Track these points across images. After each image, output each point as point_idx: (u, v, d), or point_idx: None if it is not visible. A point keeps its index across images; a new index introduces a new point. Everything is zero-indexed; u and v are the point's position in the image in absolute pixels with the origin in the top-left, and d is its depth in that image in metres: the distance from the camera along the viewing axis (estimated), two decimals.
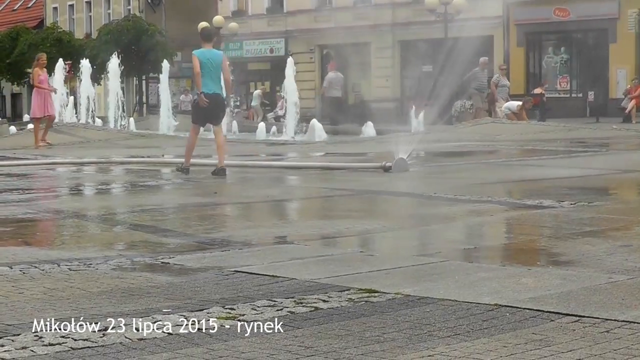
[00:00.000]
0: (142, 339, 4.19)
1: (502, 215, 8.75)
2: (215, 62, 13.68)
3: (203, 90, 13.56)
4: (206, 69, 13.58)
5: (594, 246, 6.56)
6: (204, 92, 13.55)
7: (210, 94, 13.57)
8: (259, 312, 4.66)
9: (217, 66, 13.68)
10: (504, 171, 13.87)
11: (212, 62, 13.64)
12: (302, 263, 6.09)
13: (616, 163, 14.98)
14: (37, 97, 22.21)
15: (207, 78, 13.59)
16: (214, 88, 13.62)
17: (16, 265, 6.10)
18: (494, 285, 5.20)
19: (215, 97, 13.62)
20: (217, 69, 13.68)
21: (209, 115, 13.87)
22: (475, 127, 24.79)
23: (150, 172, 14.91)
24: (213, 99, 13.59)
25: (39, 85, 22.18)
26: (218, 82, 13.69)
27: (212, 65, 13.63)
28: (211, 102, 13.57)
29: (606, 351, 3.87)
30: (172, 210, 9.59)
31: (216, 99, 13.66)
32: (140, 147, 21.59)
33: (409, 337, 4.17)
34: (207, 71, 13.59)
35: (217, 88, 13.67)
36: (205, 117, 14.01)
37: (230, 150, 20.89)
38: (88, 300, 5.01)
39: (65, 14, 66.17)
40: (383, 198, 10.61)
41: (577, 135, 22.37)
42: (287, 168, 15.47)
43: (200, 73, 13.54)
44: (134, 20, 50.75)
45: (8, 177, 13.81)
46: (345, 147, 21.31)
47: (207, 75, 13.59)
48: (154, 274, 5.82)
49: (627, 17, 37.92)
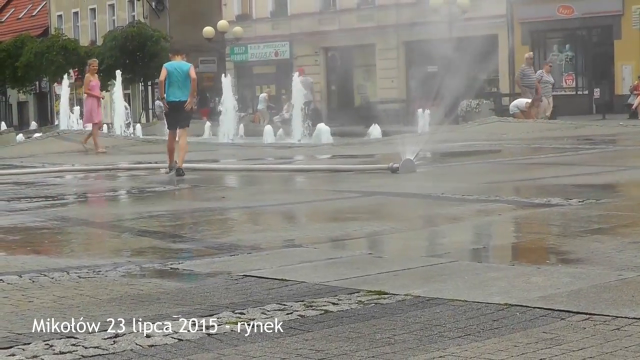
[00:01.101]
0: (153, 345, 4.19)
1: (511, 215, 8.73)
2: (182, 72, 14.97)
3: (169, 99, 15.00)
4: (173, 77, 14.94)
5: (603, 243, 6.55)
6: (170, 100, 14.98)
7: (176, 101, 14.92)
8: (269, 316, 4.65)
9: (184, 76, 14.96)
10: (511, 170, 13.85)
11: (178, 72, 14.95)
12: (312, 266, 6.08)
13: (623, 160, 14.95)
14: (88, 103, 22.34)
15: (174, 87, 14.96)
16: (180, 96, 14.90)
17: (25, 273, 6.11)
18: (504, 284, 5.19)
19: (178, 104, 14.92)
20: (184, 79, 14.96)
21: (173, 120, 15.24)
22: (482, 126, 24.77)
23: (158, 177, 14.91)
24: (176, 106, 14.95)
25: (88, 91, 22.23)
26: (185, 90, 14.92)
27: (179, 74, 14.94)
28: (174, 108, 14.99)
29: (617, 349, 3.86)
30: (180, 216, 9.59)
31: (179, 105, 14.92)
32: (146, 152, 21.60)
33: (420, 338, 4.16)
34: (174, 80, 14.95)
35: (182, 96, 14.91)
36: (171, 121, 15.36)
37: (237, 154, 20.94)
38: (98, 308, 5.01)
39: (70, 21, 66.28)
40: (391, 199, 10.60)
41: (584, 133, 22.33)
42: (295, 171, 15.46)
43: (168, 82, 14.91)
44: (139, 27, 50.85)
45: (16, 186, 13.83)
46: (352, 149, 21.30)
47: (174, 84, 14.96)
48: (164, 280, 5.83)
49: (631, 13, 37.86)
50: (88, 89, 22.25)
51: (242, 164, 17.55)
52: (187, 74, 14.98)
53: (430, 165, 15.17)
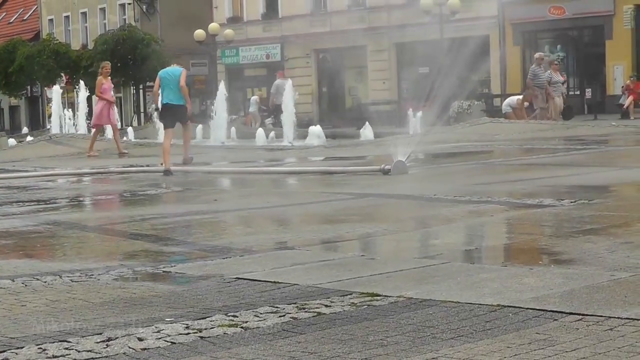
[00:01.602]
0: (146, 348, 4.19)
1: (503, 215, 8.74)
2: (174, 77, 16.43)
3: (163, 101, 16.49)
4: (166, 82, 16.44)
5: (596, 244, 6.56)
6: (164, 102, 16.46)
7: (169, 103, 16.41)
8: (262, 319, 4.65)
9: (176, 80, 16.40)
10: (504, 171, 13.87)
11: (171, 77, 16.48)
12: (304, 268, 6.09)
13: (615, 160, 14.98)
14: (99, 106, 22.36)
15: (167, 90, 16.41)
16: (172, 99, 16.37)
17: (18, 277, 6.10)
18: (496, 285, 5.20)
19: (171, 106, 16.41)
20: (176, 83, 16.38)
21: (169, 120, 16.68)
22: (474, 127, 24.79)
23: (150, 181, 14.90)
24: (170, 108, 16.46)
25: (100, 94, 22.22)
26: (177, 92, 16.38)
27: (171, 79, 16.43)
28: (168, 110, 16.53)
29: (610, 349, 3.87)
30: (173, 219, 9.58)
31: (172, 107, 16.42)
32: (138, 156, 21.57)
33: (412, 340, 4.16)
34: (167, 84, 16.41)
35: (174, 99, 16.36)
36: (167, 122, 16.76)
37: (229, 157, 20.92)
38: (91, 311, 5.00)
39: (62, 25, 66.21)
40: (383, 201, 10.60)
41: (576, 133, 22.36)
42: (287, 174, 15.46)
43: (162, 86, 16.47)
44: (130, 30, 50.83)
45: (8, 190, 13.81)
46: (344, 151, 21.30)
47: (167, 87, 16.41)
48: (156, 283, 5.82)
49: (622, 13, 37.94)
50: (100, 92, 22.24)
51: (234, 166, 17.52)
52: (179, 78, 16.37)
53: (422, 166, 15.18)
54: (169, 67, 17.28)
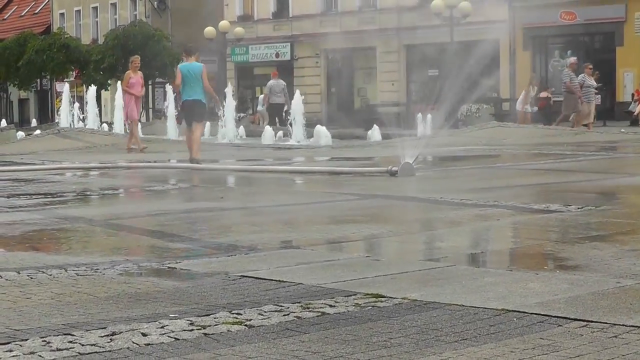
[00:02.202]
0: (149, 344, 4.19)
1: (509, 220, 8.73)
2: (195, 73, 16.52)
3: (184, 98, 16.64)
4: (186, 79, 16.50)
5: (602, 250, 6.54)
6: (184, 99, 16.64)
7: (190, 100, 16.55)
8: (266, 317, 4.65)
9: (197, 76, 16.52)
10: (511, 175, 13.85)
11: (192, 73, 16.50)
12: (309, 268, 6.08)
13: (623, 167, 14.96)
14: (125, 100, 22.40)
15: (187, 86, 16.50)
16: (193, 95, 16.50)
17: (24, 270, 6.11)
18: (501, 290, 5.19)
19: (192, 102, 16.55)
20: (197, 79, 16.52)
21: (189, 116, 16.93)
22: (482, 131, 24.77)
23: (157, 176, 14.92)
24: (191, 104, 16.59)
25: (126, 88, 22.25)
26: (198, 89, 16.52)
27: (192, 75, 16.48)
28: (189, 106, 16.68)
29: (614, 356, 3.86)
30: (179, 215, 9.59)
31: (193, 103, 16.56)
32: (146, 151, 21.59)
33: (416, 342, 4.16)
34: (188, 81, 16.49)
35: (195, 94, 16.50)
36: (188, 119, 17.06)
37: (237, 155, 20.94)
38: (95, 305, 5.01)
39: (72, 19, 66.31)
40: (389, 202, 10.59)
41: (584, 139, 22.34)
42: (293, 173, 15.46)
43: (182, 83, 16.49)
44: (141, 26, 50.87)
45: (16, 182, 13.83)
46: (351, 151, 21.30)
47: (187, 84, 16.49)
48: (161, 279, 5.83)
49: (634, 20, 37.88)
50: (127, 86, 22.26)
51: (241, 164, 17.55)
52: (200, 75, 16.51)
53: (430, 169, 15.17)
54: (188, 63, 17.05)
